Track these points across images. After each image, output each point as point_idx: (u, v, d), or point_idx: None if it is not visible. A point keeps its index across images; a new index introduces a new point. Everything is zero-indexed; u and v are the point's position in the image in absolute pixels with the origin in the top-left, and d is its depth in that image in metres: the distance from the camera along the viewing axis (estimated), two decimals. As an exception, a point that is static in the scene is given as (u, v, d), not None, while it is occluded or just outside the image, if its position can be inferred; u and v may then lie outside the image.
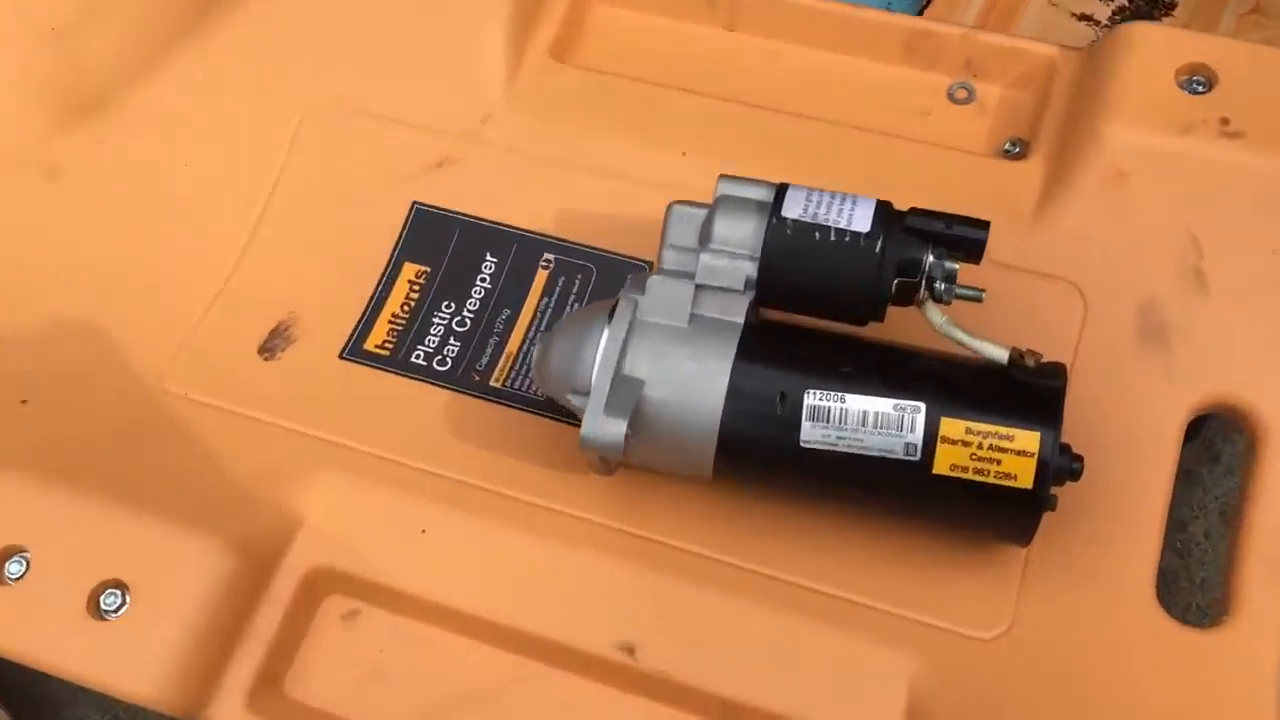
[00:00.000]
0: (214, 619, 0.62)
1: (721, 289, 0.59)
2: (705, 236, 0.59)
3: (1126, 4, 0.90)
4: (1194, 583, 0.78)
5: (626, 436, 0.57)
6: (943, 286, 0.58)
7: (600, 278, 0.72)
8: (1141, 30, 0.68)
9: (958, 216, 0.58)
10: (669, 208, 0.61)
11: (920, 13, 0.91)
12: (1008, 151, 0.72)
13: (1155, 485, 0.62)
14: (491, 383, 0.70)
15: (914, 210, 0.58)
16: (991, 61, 0.74)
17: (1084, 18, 0.88)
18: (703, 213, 0.60)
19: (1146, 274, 0.66)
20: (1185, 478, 0.81)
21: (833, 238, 0.57)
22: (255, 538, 0.64)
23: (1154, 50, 0.67)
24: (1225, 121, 0.65)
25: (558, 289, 0.72)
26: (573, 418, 0.61)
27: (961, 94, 0.75)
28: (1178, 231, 0.65)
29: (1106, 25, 0.89)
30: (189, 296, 0.74)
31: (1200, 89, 0.66)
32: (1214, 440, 0.83)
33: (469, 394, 0.70)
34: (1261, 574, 0.60)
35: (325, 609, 0.65)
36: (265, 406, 0.69)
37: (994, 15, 0.88)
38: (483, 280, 0.73)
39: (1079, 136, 0.68)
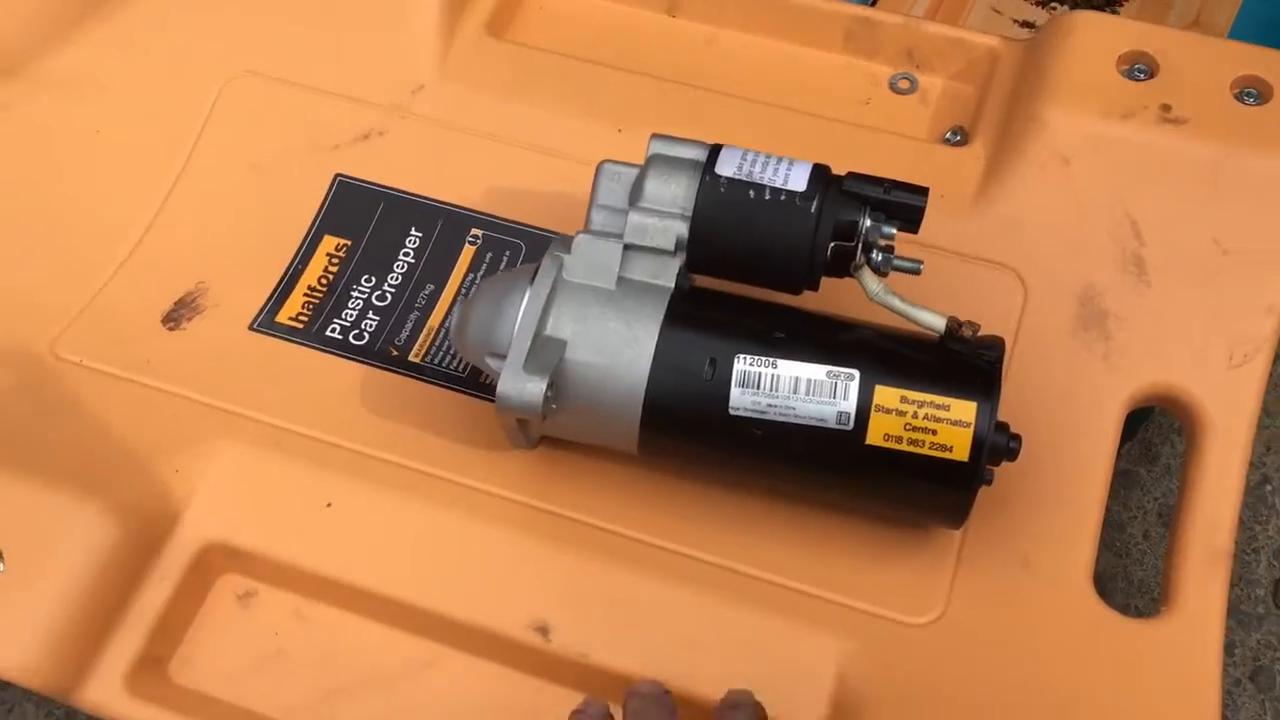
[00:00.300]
0: (94, 593, 0.57)
1: (651, 250, 0.56)
2: (635, 195, 0.57)
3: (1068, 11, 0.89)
4: (1131, 583, 0.76)
5: (546, 397, 0.54)
6: (880, 257, 0.56)
7: (530, 254, 0.69)
8: (1083, 18, 0.68)
9: (896, 182, 0.56)
10: (599, 166, 0.58)
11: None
12: (949, 140, 0.71)
13: (1093, 473, 0.60)
14: (411, 358, 0.67)
15: (852, 174, 0.56)
16: (934, 52, 0.73)
17: (1026, 24, 0.88)
18: (634, 172, 0.58)
19: (1087, 260, 0.64)
20: (1124, 479, 0.79)
21: (767, 197, 0.55)
22: (144, 509, 0.60)
23: (1095, 37, 0.67)
24: (1166, 108, 0.64)
25: (485, 265, 0.69)
26: (494, 392, 0.58)
27: (904, 84, 0.74)
28: (1118, 218, 0.64)
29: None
30: (92, 263, 0.70)
31: (1142, 76, 0.66)
32: (1153, 441, 0.81)
33: (386, 368, 0.66)
34: (1201, 565, 0.58)
35: (219, 588, 0.61)
36: (165, 376, 0.65)
37: (938, 19, 0.88)
38: (406, 255, 0.70)
39: (1020, 122, 0.67)
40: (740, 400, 0.54)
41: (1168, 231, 0.64)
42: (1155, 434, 0.81)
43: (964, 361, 0.55)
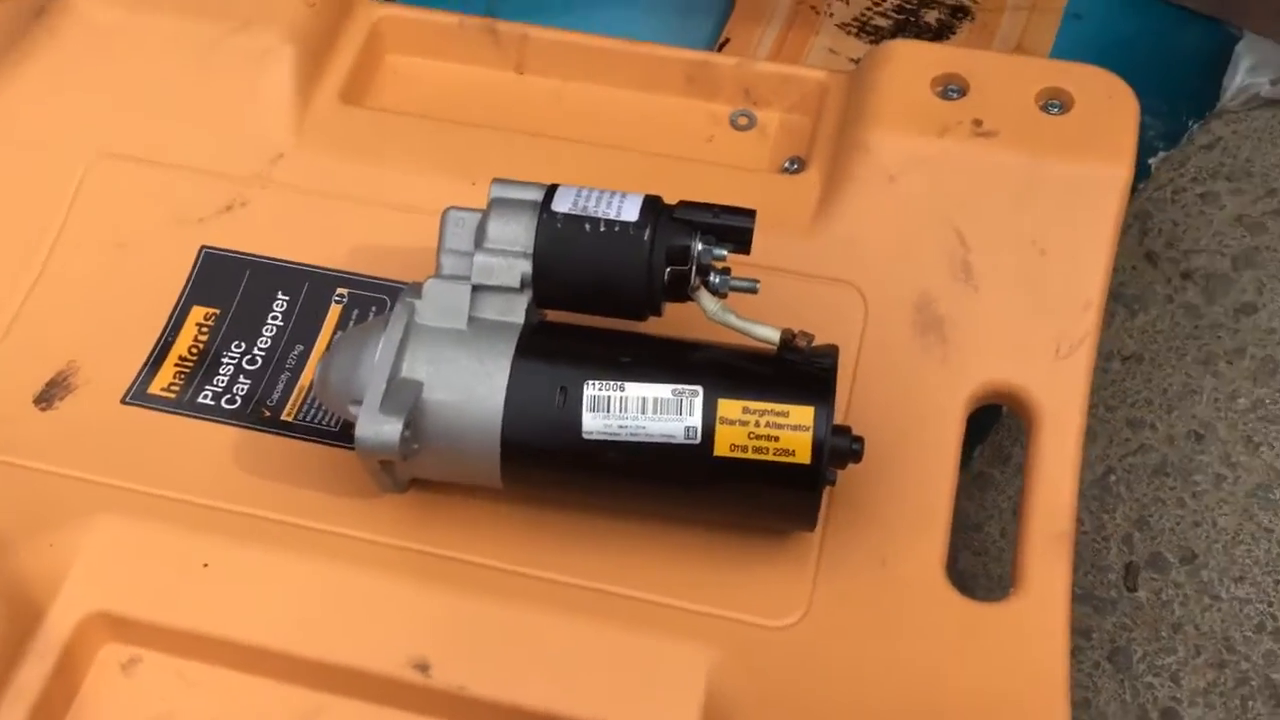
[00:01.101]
0: (-31, 675, 0.57)
1: (499, 289, 0.59)
2: (480, 237, 0.59)
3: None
4: (992, 579, 0.80)
5: (404, 437, 0.56)
6: (717, 279, 0.59)
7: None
8: (898, 46, 0.72)
9: (725, 206, 0.59)
10: (445, 213, 0.61)
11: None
12: (787, 169, 0.75)
13: (941, 468, 0.64)
14: (283, 417, 0.68)
15: (682, 203, 0.59)
16: (769, 90, 0.78)
17: (858, 62, 0.93)
18: (477, 216, 0.60)
19: (920, 270, 0.68)
20: (979, 481, 0.83)
21: (602, 229, 0.58)
22: (16, 585, 0.60)
23: (910, 63, 0.71)
24: (978, 123, 0.69)
25: (352, 321, 0.71)
26: (363, 442, 0.59)
27: (743, 121, 0.78)
28: (945, 228, 0.68)
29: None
30: (-39, 351, 0.71)
31: (954, 95, 0.70)
32: (1003, 443, 0.85)
33: (259, 429, 0.68)
34: (1045, 548, 0.61)
35: (102, 659, 0.61)
36: (37, 454, 0.66)
37: (779, 61, 0.93)
38: (274, 318, 0.72)
39: (849, 147, 0.71)
40: (592, 424, 0.57)
41: (990, 238, 0.68)
42: (1005, 436, 0.85)
43: (800, 370, 0.58)
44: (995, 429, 0.84)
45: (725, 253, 0.59)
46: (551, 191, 0.60)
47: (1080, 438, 0.64)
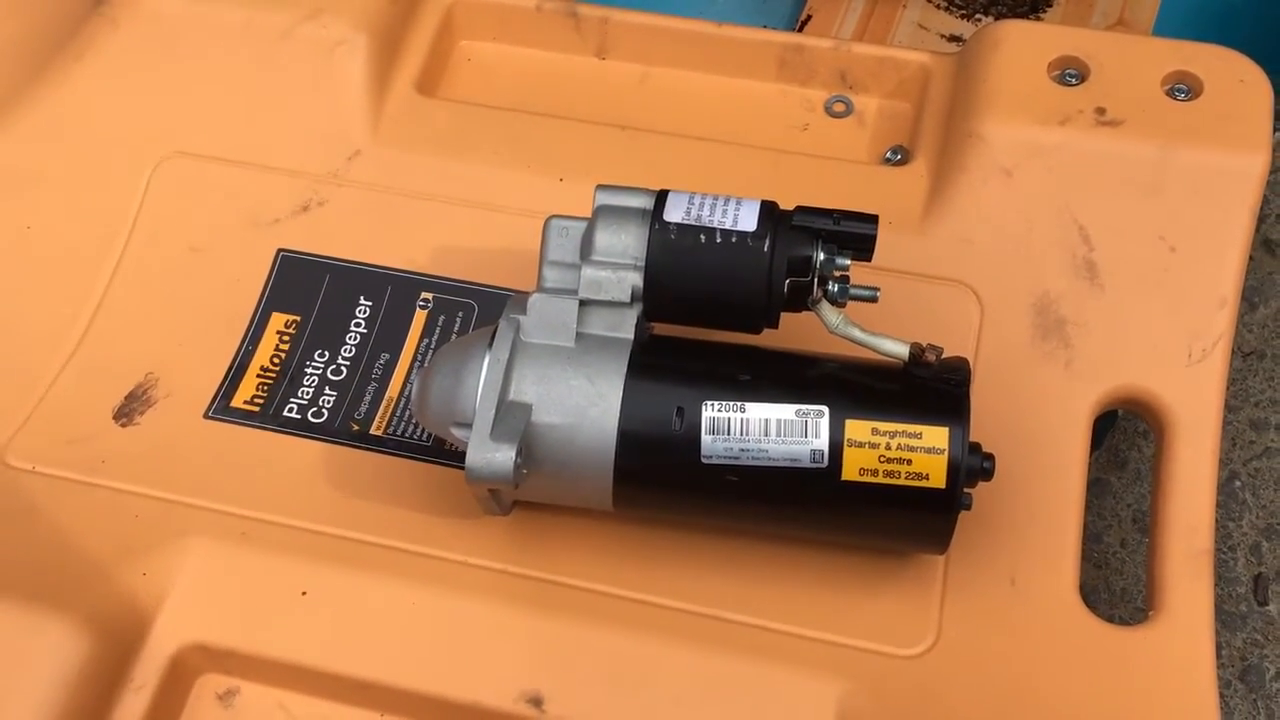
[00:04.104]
0: (69, 710, 0.55)
1: (607, 303, 0.56)
2: (586, 249, 0.56)
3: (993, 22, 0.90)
4: (1114, 593, 0.76)
5: (516, 464, 0.53)
6: (836, 288, 0.55)
7: (482, 314, 0.68)
8: (1010, 27, 0.68)
9: (845, 212, 0.56)
10: (546, 222, 0.58)
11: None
12: (889, 160, 0.71)
13: (1068, 482, 0.61)
14: (372, 431, 0.66)
15: (800, 208, 0.56)
16: (866, 73, 0.74)
17: (953, 38, 0.88)
18: (582, 225, 0.57)
19: (1039, 270, 0.64)
20: (1095, 488, 0.79)
21: (719, 239, 0.54)
22: (113, 617, 0.58)
23: (1024, 45, 0.67)
24: (1101, 111, 0.65)
25: (438, 328, 0.68)
26: (462, 459, 0.56)
27: (839, 107, 0.74)
28: (1066, 224, 0.64)
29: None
30: (35, 365, 0.68)
31: (1073, 81, 0.66)
32: (1120, 447, 0.82)
33: (348, 445, 0.65)
34: (1184, 566, 0.58)
35: (199, 690, 0.59)
36: (122, 474, 0.64)
37: (865, 39, 0.88)
38: (357, 325, 0.69)
39: (960, 137, 0.67)
40: (712, 448, 0.54)
41: (1115, 234, 0.64)
42: (1121, 440, 0.81)
43: (931, 387, 0.55)
44: (1111, 432, 0.81)
45: (848, 262, 0.55)
46: (662, 199, 0.56)
47: (1216, 448, 0.61)
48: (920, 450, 0.53)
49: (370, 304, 0.69)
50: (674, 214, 0.55)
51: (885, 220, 0.62)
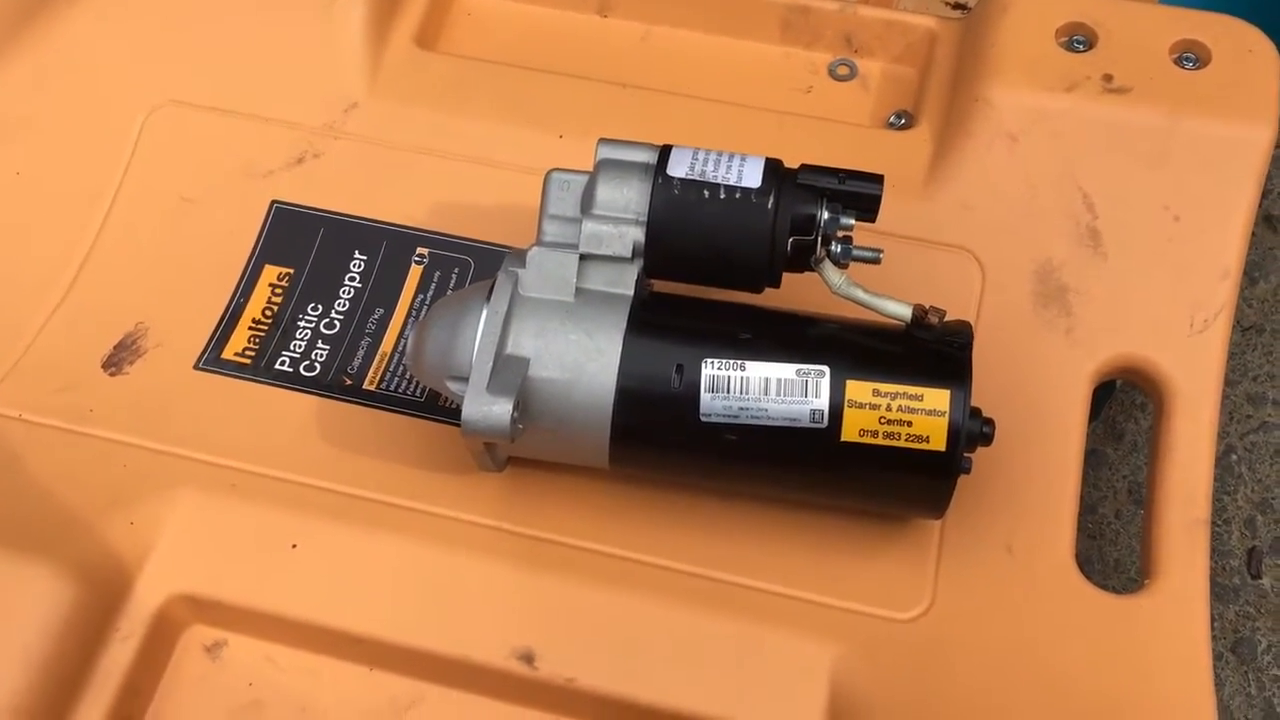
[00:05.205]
0: (55, 658, 0.55)
1: (608, 258, 0.55)
2: (588, 203, 0.55)
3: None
4: (1108, 564, 0.76)
5: (513, 418, 0.52)
6: (839, 248, 0.55)
7: (479, 270, 0.68)
8: (1018, -7, 0.68)
9: (851, 171, 0.55)
10: (547, 175, 0.57)
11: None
12: (892, 124, 0.70)
13: (1066, 450, 0.60)
14: (365, 386, 0.65)
15: (805, 166, 0.55)
16: (872, 37, 0.73)
17: (957, 5, 0.87)
18: (583, 179, 0.56)
19: (1042, 237, 0.64)
20: (1091, 458, 0.79)
21: (722, 195, 0.54)
22: (99, 566, 0.57)
23: (1032, 11, 0.66)
24: (1109, 78, 0.64)
25: (433, 284, 0.68)
26: (456, 416, 0.56)
27: (843, 70, 0.73)
28: (1070, 192, 0.64)
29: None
30: (23, 311, 0.67)
31: (1081, 47, 0.65)
32: (1116, 419, 0.81)
33: (340, 399, 0.64)
34: (1181, 537, 0.58)
35: (186, 641, 0.59)
36: (110, 424, 0.63)
37: (871, 2, 0.87)
38: (352, 280, 0.68)
39: (965, 102, 0.66)
40: (711, 406, 0.53)
41: (1120, 202, 0.63)
42: (1118, 411, 0.81)
43: (933, 350, 0.54)
44: (1109, 403, 0.80)
45: (852, 221, 0.55)
46: (666, 154, 0.55)
47: (1215, 419, 0.60)
48: (921, 412, 0.52)
49: (365, 258, 0.69)
50: (677, 169, 0.55)
51: (888, 185, 0.62)
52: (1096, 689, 0.55)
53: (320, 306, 0.67)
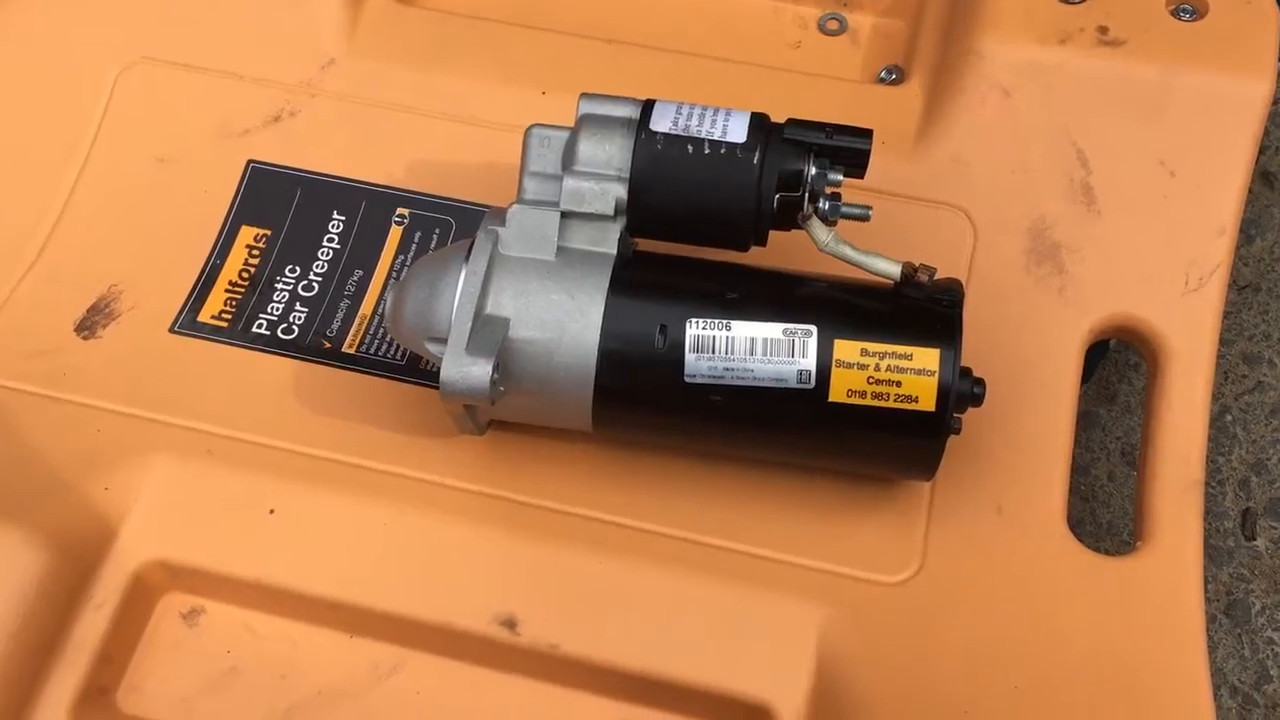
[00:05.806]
0: (28, 626, 0.54)
1: (590, 216, 0.54)
2: (569, 159, 0.54)
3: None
4: (1100, 526, 0.76)
5: (493, 380, 0.51)
6: (827, 204, 0.53)
7: (460, 230, 0.66)
8: (1013, -57, 0.66)
9: (838, 126, 0.54)
10: (528, 131, 0.55)
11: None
12: (883, 79, 0.69)
13: (1058, 411, 0.59)
14: (344, 349, 0.63)
15: (791, 121, 0.54)
16: (861, -11, 0.71)
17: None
18: (564, 135, 0.55)
19: (1035, 193, 0.63)
20: (1084, 420, 0.78)
21: (707, 150, 0.52)
22: (73, 532, 0.56)
23: (1027, -38, 0.65)
24: (1104, 30, 0.63)
25: (414, 245, 0.66)
26: (436, 378, 0.55)
27: (833, 25, 0.72)
28: (1064, 147, 0.63)
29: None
30: (-8, 275, 0.66)
31: (1075, -1, 0.64)
32: (1110, 379, 0.80)
33: (319, 362, 0.63)
34: (1175, 499, 0.57)
35: (162, 608, 0.58)
36: (84, 388, 0.61)
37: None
38: (330, 241, 0.67)
39: (957, 56, 0.65)
40: (696, 366, 0.52)
41: (1114, 157, 0.62)
42: (1112, 372, 0.80)
43: (923, 308, 0.53)
44: (1102, 364, 0.79)
45: (840, 177, 0.53)
46: (649, 108, 0.54)
47: (1210, 379, 0.59)
48: (910, 372, 0.51)
49: (344, 219, 0.67)
50: (661, 124, 0.53)
51: (878, 141, 0.60)
52: (1088, 652, 0.54)
53: (298, 268, 0.66)
